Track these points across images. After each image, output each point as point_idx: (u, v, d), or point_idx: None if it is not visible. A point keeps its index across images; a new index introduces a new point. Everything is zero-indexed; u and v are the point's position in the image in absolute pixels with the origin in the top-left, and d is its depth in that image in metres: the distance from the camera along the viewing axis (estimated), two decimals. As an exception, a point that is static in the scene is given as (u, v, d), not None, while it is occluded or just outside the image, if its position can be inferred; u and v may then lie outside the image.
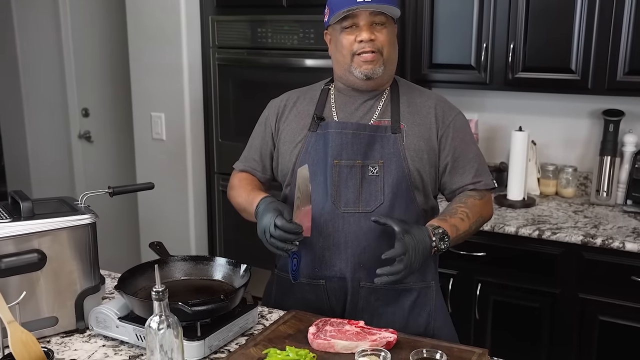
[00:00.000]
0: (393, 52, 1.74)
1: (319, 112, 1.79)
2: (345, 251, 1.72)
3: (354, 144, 1.72)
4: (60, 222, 1.61)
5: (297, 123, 1.81)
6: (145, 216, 3.55)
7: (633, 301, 2.39)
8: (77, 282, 1.66)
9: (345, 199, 1.72)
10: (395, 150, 1.72)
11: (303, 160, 1.76)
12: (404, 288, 1.70)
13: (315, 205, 1.71)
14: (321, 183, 1.74)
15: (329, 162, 1.73)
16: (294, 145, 1.79)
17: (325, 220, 1.72)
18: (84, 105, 4.19)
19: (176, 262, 1.76)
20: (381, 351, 1.41)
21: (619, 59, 2.56)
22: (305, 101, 1.84)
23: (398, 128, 1.73)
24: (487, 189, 1.80)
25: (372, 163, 1.72)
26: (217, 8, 3.16)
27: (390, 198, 1.71)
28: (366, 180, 1.72)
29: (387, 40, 1.69)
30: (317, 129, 1.76)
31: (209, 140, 3.32)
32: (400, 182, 1.71)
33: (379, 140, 1.73)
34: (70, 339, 1.64)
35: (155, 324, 1.28)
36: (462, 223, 1.68)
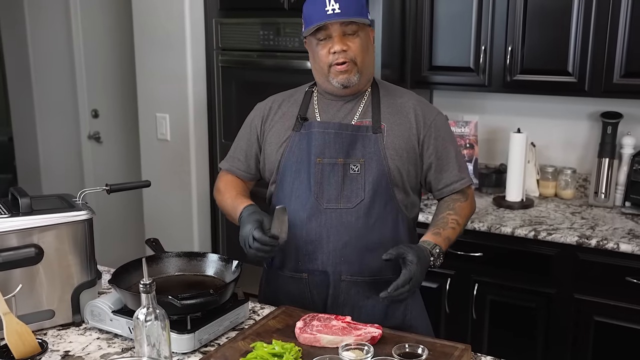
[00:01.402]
0: (368, 58, 1.79)
1: (302, 113, 1.86)
2: (327, 245, 1.79)
3: (336, 142, 1.79)
4: (57, 218, 1.67)
5: (282, 124, 1.88)
6: (150, 215, 3.61)
7: (627, 302, 2.40)
8: (74, 276, 1.71)
9: (328, 195, 1.79)
10: (375, 149, 1.78)
11: (288, 159, 1.83)
12: (384, 280, 1.76)
13: (298, 201, 1.80)
14: (304, 180, 1.81)
15: (312, 160, 1.80)
16: (279, 145, 1.86)
17: (308, 216, 1.80)
18: (93, 106, 4.27)
19: (170, 258, 1.81)
20: (364, 345, 1.45)
21: (616, 62, 2.58)
22: (289, 103, 1.91)
23: (379, 128, 1.79)
24: (469, 186, 1.90)
25: (353, 161, 1.78)
26: (220, 11, 3.21)
27: (370, 195, 1.78)
28: (348, 178, 1.78)
29: (360, 48, 1.75)
30: (301, 128, 1.84)
31: (213, 141, 3.37)
32: (380, 180, 1.78)
33: (361, 139, 1.79)
34: (66, 331, 1.69)
35: (143, 315, 1.33)
36: (453, 232, 1.80)
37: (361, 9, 1.75)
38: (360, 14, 1.73)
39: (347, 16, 1.69)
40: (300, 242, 1.81)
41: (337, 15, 1.69)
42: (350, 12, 1.70)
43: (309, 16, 1.74)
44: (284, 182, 1.85)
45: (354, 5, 1.72)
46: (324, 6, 1.69)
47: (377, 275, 1.81)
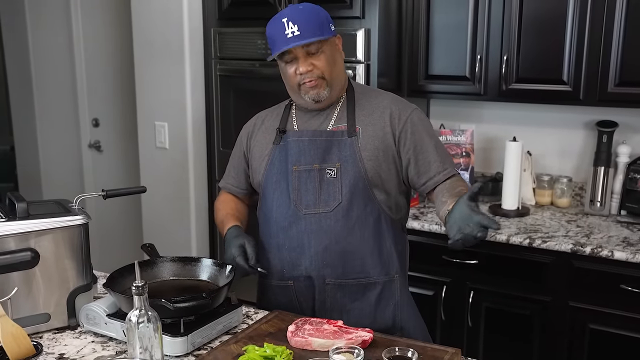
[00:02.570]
0: (336, 69, 1.82)
1: (282, 126, 1.90)
2: (309, 250, 1.81)
3: (310, 149, 1.82)
4: (53, 222, 1.69)
5: (264, 139, 1.93)
6: (149, 222, 3.63)
7: (622, 309, 2.41)
8: (69, 280, 1.73)
9: (306, 201, 1.81)
10: (351, 153, 1.80)
11: (269, 171, 1.88)
12: (368, 282, 1.79)
13: (279, 210, 1.85)
14: (284, 189, 1.84)
15: (289, 168, 1.84)
16: (262, 159, 1.91)
17: (289, 223, 1.83)
18: (94, 115, 4.30)
19: (165, 263, 1.83)
20: (355, 348, 1.46)
21: (610, 71, 2.60)
22: (272, 119, 1.96)
23: (354, 131, 1.82)
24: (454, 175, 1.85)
25: (329, 166, 1.81)
26: (219, 20, 3.24)
27: (348, 197, 1.80)
28: (325, 182, 1.81)
29: (326, 64, 1.77)
30: (280, 141, 1.88)
31: (211, 149, 3.40)
32: (357, 182, 1.80)
33: (336, 144, 1.82)
34: (62, 335, 1.71)
35: (135, 317, 1.34)
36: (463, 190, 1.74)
37: (320, 25, 1.75)
38: (320, 30, 1.74)
39: (305, 38, 1.71)
40: (283, 251, 1.84)
41: (297, 37, 1.71)
42: (308, 33, 1.71)
43: (271, 39, 1.77)
44: (267, 193, 1.89)
45: (312, 25, 1.73)
46: (284, 30, 1.72)
47: (361, 276, 1.82)
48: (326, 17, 1.79)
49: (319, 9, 1.79)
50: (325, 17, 1.78)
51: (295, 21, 1.72)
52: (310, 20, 1.74)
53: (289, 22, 1.72)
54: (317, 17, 1.76)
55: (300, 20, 1.72)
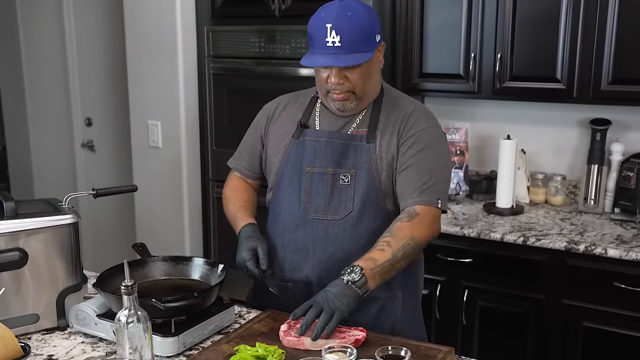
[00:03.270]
0: (370, 83, 1.73)
1: (304, 120, 1.82)
2: (313, 256, 1.75)
3: (326, 151, 1.76)
4: (42, 222, 1.67)
5: (283, 128, 1.85)
6: (142, 222, 3.61)
7: (616, 307, 2.41)
8: (59, 280, 1.71)
9: (315, 205, 1.75)
10: (367, 160, 1.73)
11: (285, 166, 1.81)
12: (368, 296, 1.64)
13: (288, 210, 1.79)
14: (296, 189, 1.78)
15: (303, 169, 1.78)
16: (278, 150, 1.84)
17: (296, 225, 1.77)
18: (87, 115, 4.28)
19: (156, 262, 1.81)
20: (347, 348, 1.45)
21: (603, 69, 2.60)
22: (295, 106, 1.87)
23: (373, 137, 1.74)
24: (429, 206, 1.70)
25: (344, 172, 1.74)
26: (212, 19, 3.23)
27: (359, 207, 1.73)
28: (337, 188, 1.74)
29: (360, 79, 1.68)
30: (300, 135, 1.81)
31: (204, 148, 3.38)
32: (370, 192, 1.73)
33: (353, 149, 1.75)
34: (51, 336, 1.69)
35: (124, 317, 1.33)
36: (381, 254, 1.62)
37: (365, 38, 1.64)
38: (363, 45, 1.63)
39: (346, 50, 1.60)
40: (287, 251, 1.79)
41: (337, 50, 1.61)
42: (351, 46, 1.61)
43: (311, 37, 1.66)
44: (279, 190, 1.83)
45: (356, 38, 1.62)
46: (325, 35, 1.61)
47: None
48: (374, 26, 1.67)
49: (368, 17, 1.65)
50: (372, 28, 1.66)
51: (339, 30, 1.60)
52: (356, 32, 1.61)
53: (332, 31, 1.60)
54: (364, 28, 1.63)
55: (345, 31, 1.60)
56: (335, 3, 1.66)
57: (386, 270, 1.62)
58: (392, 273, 1.65)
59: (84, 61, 4.17)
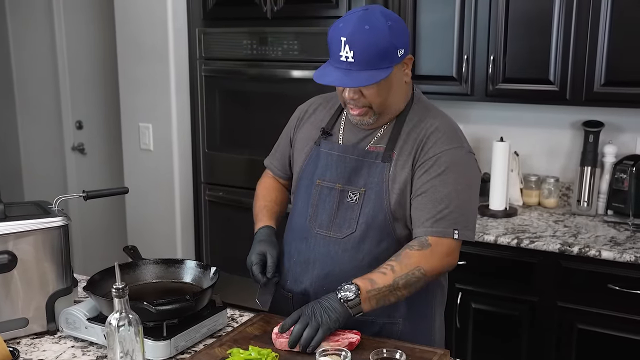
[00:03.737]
0: (390, 98, 1.62)
1: (328, 126, 1.75)
2: (312, 271, 1.70)
3: (337, 166, 1.69)
4: (32, 224, 1.65)
5: (309, 132, 1.79)
6: (133, 226, 3.59)
7: (609, 309, 2.40)
8: (49, 283, 1.69)
9: (320, 220, 1.70)
10: (379, 180, 1.64)
11: (305, 171, 1.76)
12: (366, 320, 1.63)
13: (296, 220, 1.76)
14: (307, 198, 1.73)
15: (314, 180, 1.72)
16: (300, 156, 1.79)
17: (301, 237, 1.73)
18: (77, 118, 4.25)
19: (148, 265, 1.79)
20: (342, 351, 1.43)
21: (596, 71, 2.60)
22: (324, 110, 1.80)
23: (389, 156, 1.64)
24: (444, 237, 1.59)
25: (353, 189, 1.66)
26: (204, 20, 3.21)
27: (362, 229, 1.65)
28: (343, 206, 1.67)
29: (377, 95, 1.58)
30: (321, 144, 1.74)
31: (196, 151, 3.36)
32: (377, 214, 1.64)
33: (367, 166, 1.66)
34: (40, 340, 1.66)
35: (115, 320, 1.31)
36: (382, 277, 1.55)
37: (383, 54, 1.51)
38: (381, 61, 1.51)
39: (360, 66, 1.50)
40: (291, 262, 1.75)
41: (350, 64, 1.51)
42: (365, 62, 1.50)
43: (329, 47, 1.56)
44: (296, 196, 1.79)
45: (372, 53, 1.50)
46: (339, 49, 1.52)
47: None
48: (396, 40, 1.52)
49: (389, 30, 1.51)
50: (393, 42, 1.52)
51: (352, 45, 1.50)
52: (372, 49, 1.50)
53: (347, 45, 1.50)
54: (382, 44, 1.50)
55: (359, 47, 1.49)
56: (355, 13, 1.54)
57: (383, 295, 1.55)
58: (390, 299, 1.57)
59: (75, 63, 4.14)
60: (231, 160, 3.27)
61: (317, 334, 1.49)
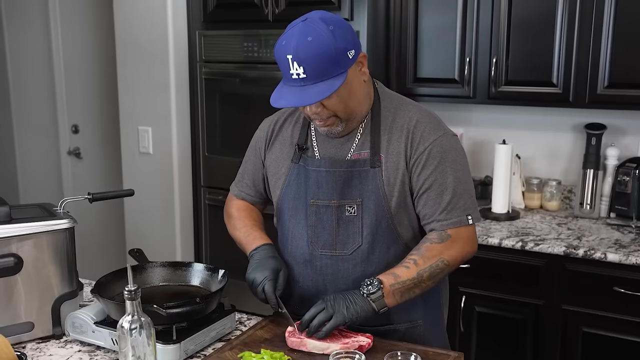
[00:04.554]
0: (353, 102, 1.56)
1: (301, 140, 1.69)
2: (324, 294, 1.62)
3: (328, 182, 1.62)
4: (37, 227, 1.62)
5: (280, 151, 1.73)
6: (132, 229, 3.55)
7: (615, 312, 2.39)
8: (54, 287, 1.66)
9: (323, 240, 1.64)
10: (374, 187, 1.60)
11: (286, 194, 1.70)
12: (387, 330, 1.63)
13: (294, 244, 1.69)
14: (301, 220, 1.67)
15: (307, 201, 1.66)
16: (278, 177, 1.72)
17: (304, 261, 1.68)
18: (74, 122, 4.21)
19: (155, 268, 1.77)
20: (355, 354, 1.42)
21: (599, 73, 2.59)
22: (290, 126, 1.74)
23: (377, 161, 1.60)
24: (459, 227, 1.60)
25: (349, 202, 1.61)
26: (204, 23, 3.19)
27: (369, 240, 1.61)
28: (343, 221, 1.62)
29: (339, 102, 1.53)
30: (299, 160, 1.68)
31: (196, 154, 3.33)
32: (379, 222, 1.61)
33: (357, 176, 1.61)
34: (46, 344, 1.63)
35: (128, 323, 1.28)
36: (405, 271, 1.54)
37: (333, 62, 1.45)
38: (333, 68, 1.46)
39: (313, 80, 1.45)
40: (296, 287, 1.69)
41: (303, 80, 1.45)
42: (317, 75, 1.44)
43: (279, 67, 1.51)
44: (283, 220, 1.72)
45: (320, 65, 1.44)
46: (288, 68, 1.46)
47: (380, 323, 1.63)
48: (343, 43, 1.47)
49: (333, 36, 1.45)
50: (341, 46, 1.46)
51: (300, 61, 1.44)
52: (320, 59, 1.44)
53: (294, 62, 1.44)
54: (330, 52, 1.44)
55: (307, 61, 1.44)
56: (295, 26, 1.48)
57: (408, 288, 1.54)
58: (415, 292, 1.56)
59: (71, 66, 4.11)
60: (231, 164, 3.21)
61: (329, 321, 1.48)
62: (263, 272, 1.61)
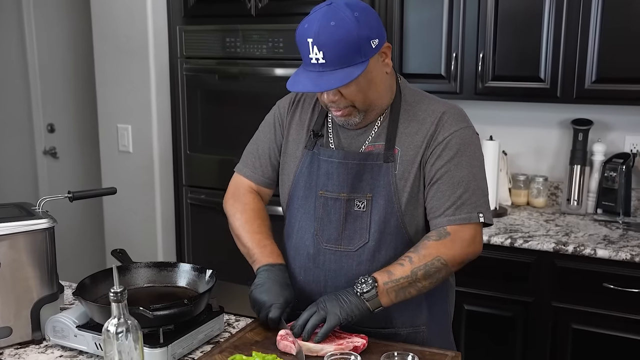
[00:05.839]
0: (373, 93, 1.50)
1: (317, 127, 1.63)
2: (325, 290, 1.58)
3: (340, 174, 1.57)
4: (15, 227, 1.55)
5: (297, 134, 1.66)
6: (112, 230, 3.47)
7: (605, 308, 2.37)
8: (33, 290, 1.59)
9: (328, 234, 1.58)
10: (385, 183, 1.54)
11: (298, 180, 1.63)
12: (389, 332, 1.59)
13: (299, 235, 1.63)
14: (309, 211, 1.61)
15: (316, 192, 1.60)
16: (292, 160, 1.65)
17: (307, 255, 1.62)
18: (49, 121, 4.11)
19: (139, 269, 1.70)
20: (351, 355, 1.36)
21: (587, 68, 2.58)
22: (309, 108, 1.67)
23: (391, 155, 1.54)
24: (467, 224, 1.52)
25: (359, 197, 1.56)
26: (185, 18, 3.12)
27: (376, 238, 1.55)
28: (351, 216, 1.56)
29: (357, 92, 1.48)
30: (313, 147, 1.61)
31: (177, 153, 3.26)
32: (388, 219, 1.55)
33: (369, 170, 1.55)
34: (25, 350, 1.56)
35: (114, 327, 1.21)
36: (400, 269, 1.48)
37: (355, 50, 1.40)
38: (354, 56, 1.40)
39: (332, 66, 1.41)
40: (298, 281, 1.63)
41: (321, 66, 1.41)
42: (337, 61, 1.40)
43: (300, 51, 1.46)
44: (292, 209, 1.65)
45: (341, 52, 1.40)
46: (307, 52, 1.43)
47: (381, 326, 1.59)
48: (368, 30, 1.41)
49: (357, 22, 1.40)
50: (365, 33, 1.41)
51: (320, 45, 1.40)
52: (341, 46, 1.39)
53: (314, 46, 1.40)
54: (352, 38, 1.39)
55: (327, 46, 1.40)
56: (319, 10, 1.43)
57: (402, 287, 1.47)
58: (411, 292, 1.49)
59: (46, 63, 4.00)
60: (214, 162, 3.18)
61: (325, 325, 1.43)
62: (274, 298, 1.52)
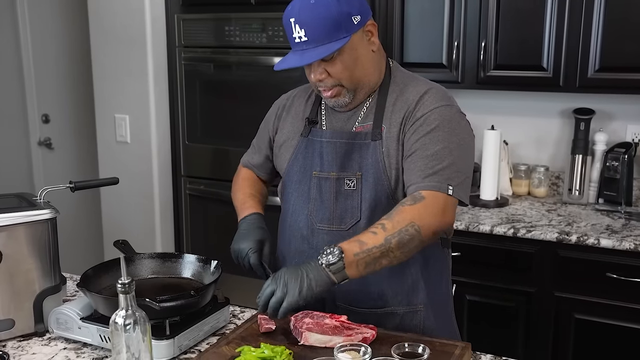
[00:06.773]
0: (359, 71, 1.53)
1: (312, 115, 1.66)
2: None
3: (329, 153, 1.59)
4: (16, 218, 1.52)
5: (292, 126, 1.70)
6: (110, 221, 3.44)
7: (608, 298, 2.37)
8: (35, 281, 1.56)
9: (321, 214, 1.59)
10: (374, 161, 1.55)
11: (292, 166, 1.66)
12: (385, 312, 1.58)
13: (294, 217, 1.65)
14: (304, 193, 1.63)
15: (310, 173, 1.62)
16: (287, 150, 1.69)
17: (302, 236, 1.62)
18: (44, 111, 4.06)
19: (143, 260, 1.68)
20: (361, 346, 1.35)
21: (590, 57, 2.56)
22: (303, 101, 1.71)
23: (378, 133, 1.55)
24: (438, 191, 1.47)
25: (349, 175, 1.57)
26: (183, 6, 3.08)
27: (367, 215, 1.55)
28: (342, 195, 1.57)
29: (343, 69, 1.51)
30: (309, 134, 1.64)
31: (175, 143, 3.23)
32: (379, 197, 1.54)
33: (357, 148, 1.57)
34: (28, 342, 1.53)
35: (121, 319, 1.19)
36: (372, 237, 1.41)
37: (335, 26, 1.45)
38: (335, 32, 1.45)
39: (314, 43, 1.45)
40: (293, 264, 1.61)
41: (305, 44, 1.46)
42: (318, 38, 1.44)
43: (286, 32, 1.52)
44: (287, 193, 1.67)
45: (323, 28, 1.44)
46: (291, 32, 1.48)
47: (378, 305, 1.59)
48: (347, 7, 1.46)
49: (336, 1, 1.45)
50: (345, 10, 1.45)
51: (302, 24, 1.45)
52: (321, 22, 1.44)
53: (296, 25, 1.46)
54: (330, 15, 1.44)
55: (309, 24, 1.44)
56: None
57: (375, 257, 1.40)
58: (383, 262, 1.41)
59: (41, 52, 3.94)
60: (212, 152, 3.15)
61: (283, 305, 1.36)
62: (247, 244, 1.58)
